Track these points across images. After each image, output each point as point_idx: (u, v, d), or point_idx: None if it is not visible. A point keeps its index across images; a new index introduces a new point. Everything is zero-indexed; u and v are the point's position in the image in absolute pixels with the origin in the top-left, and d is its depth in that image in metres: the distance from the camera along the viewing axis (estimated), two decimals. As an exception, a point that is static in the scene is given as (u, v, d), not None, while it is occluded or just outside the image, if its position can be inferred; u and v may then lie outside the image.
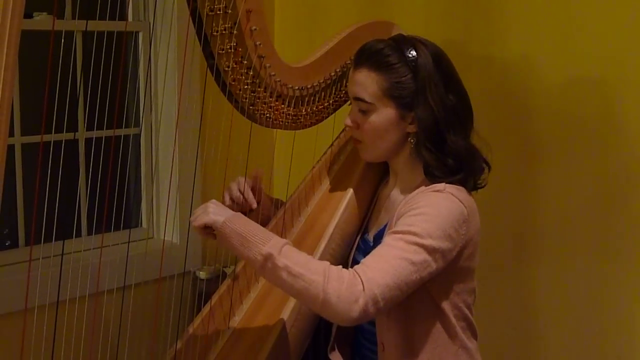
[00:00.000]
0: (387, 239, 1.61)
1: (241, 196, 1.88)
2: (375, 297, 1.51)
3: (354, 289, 1.50)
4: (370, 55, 1.72)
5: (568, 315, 2.29)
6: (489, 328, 2.00)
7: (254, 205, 1.89)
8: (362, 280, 1.51)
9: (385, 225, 1.75)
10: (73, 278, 1.79)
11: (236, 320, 1.81)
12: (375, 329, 1.74)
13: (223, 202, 1.84)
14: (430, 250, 1.57)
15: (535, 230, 2.35)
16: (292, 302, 1.75)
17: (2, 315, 2.31)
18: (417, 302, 1.65)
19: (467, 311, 1.72)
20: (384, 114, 1.71)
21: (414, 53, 1.69)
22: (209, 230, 1.61)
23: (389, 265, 1.54)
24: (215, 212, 1.60)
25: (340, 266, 1.56)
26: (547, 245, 2.32)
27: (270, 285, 1.80)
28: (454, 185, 1.67)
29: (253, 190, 1.91)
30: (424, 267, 1.57)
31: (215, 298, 1.86)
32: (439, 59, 1.71)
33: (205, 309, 1.85)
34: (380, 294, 1.51)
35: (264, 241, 1.54)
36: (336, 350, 1.87)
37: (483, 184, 1.75)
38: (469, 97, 1.75)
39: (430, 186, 1.68)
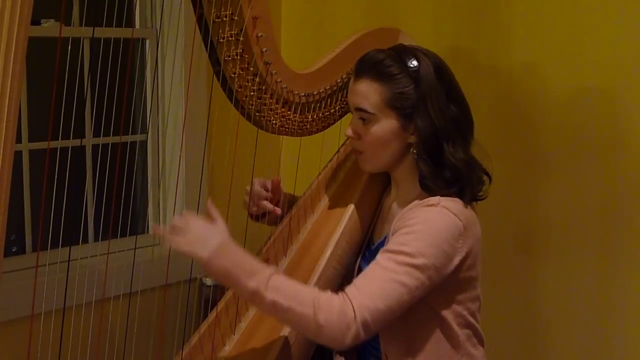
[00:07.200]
0: (379, 258, 1.60)
1: (263, 191, 1.91)
2: (366, 322, 1.51)
3: (345, 317, 1.50)
4: (372, 65, 1.69)
5: (573, 318, 2.28)
6: (495, 332, 1.99)
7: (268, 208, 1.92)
8: (352, 306, 1.51)
9: (385, 237, 1.74)
10: (79, 284, 1.80)
11: (242, 327, 1.81)
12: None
13: (249, 191, 1.91)
14: (423, 269, 1.56)
15: (540, 236, 2.35)
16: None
17: (8, 321, 2.31)
18: (418, 313, 1.64)
19: (471, 319, 1.72)
20: (386, 125, 1.70)
21: (415, 63, 1.68)
22: None
23: (379, 288, 1.54)
24: (204, 245, 1.53)
25: (329, 292, 1.55)
26: (551, 251, 2.32)
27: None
28: (449, 198, 1.65)
29: (274, 192, 1.94)
30: (416, 287, 1.56)
31: (221, 304, 1.86)
32: (441, 69, 1.69)
33: (211, 316, 1.85)
34: (371, 318, 1.52)
35: (250, 275, 1.52)
36: (341, 356, 1.86)
37: (483, 196, 1.73)
38: (469, 108, 1.73)
39: (425, 200, 1.66)
